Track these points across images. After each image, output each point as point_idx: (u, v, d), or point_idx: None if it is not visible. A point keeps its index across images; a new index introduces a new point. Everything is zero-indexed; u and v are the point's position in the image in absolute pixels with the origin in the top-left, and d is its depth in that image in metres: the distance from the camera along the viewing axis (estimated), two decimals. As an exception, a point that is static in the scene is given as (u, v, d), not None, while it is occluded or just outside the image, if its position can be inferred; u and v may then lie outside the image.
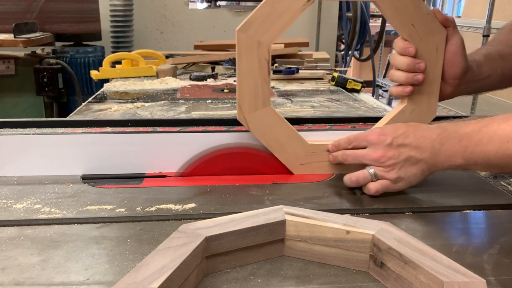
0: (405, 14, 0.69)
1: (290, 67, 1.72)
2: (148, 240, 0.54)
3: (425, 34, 0.70)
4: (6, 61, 2.41)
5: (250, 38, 0.66)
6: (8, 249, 0.51)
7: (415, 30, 0.69)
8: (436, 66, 0.72)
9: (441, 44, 0.71)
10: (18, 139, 0.71)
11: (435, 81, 0.73)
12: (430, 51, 0.71)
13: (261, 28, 0.66)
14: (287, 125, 0.72)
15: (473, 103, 2.77)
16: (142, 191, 0.67)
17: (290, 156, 0.73)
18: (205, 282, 0.46)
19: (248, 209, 0.52)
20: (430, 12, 0.70)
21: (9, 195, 0.65)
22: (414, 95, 0.73)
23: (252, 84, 0.68)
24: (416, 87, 0.72)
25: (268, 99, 0.70)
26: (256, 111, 0.70)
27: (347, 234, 0.48)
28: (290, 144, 0.72)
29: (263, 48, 0.67)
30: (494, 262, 0.50)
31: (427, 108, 0.74)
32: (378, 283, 0.47)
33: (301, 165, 0.74)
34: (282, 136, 0.72)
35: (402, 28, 0.69)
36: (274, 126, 0.71)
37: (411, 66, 0.70)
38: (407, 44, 0.70)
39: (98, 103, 1.33)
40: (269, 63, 0.68)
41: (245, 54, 0.67)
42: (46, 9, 2.53)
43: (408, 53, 0.70)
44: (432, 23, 0.70)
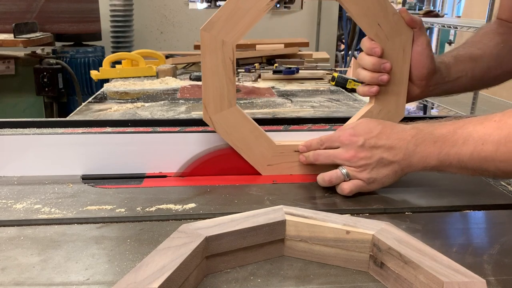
0: (371, 13, 0.68)
1: (290, 67, 1.72)
2: (148, 240, 0.54)
3: (392, 34, 0.70)
4: (6, 61, 2.41)
5: (214, 38, 0.66)
6: (8, 249, 0.51)
7: (381, 30, 0.69)
8: (403, 67, 0.71)
9: (408, 44, 0.70)
10: (18, 139, 0.71)
11: (402, 81, 0.72)
12: (397, 51, 0.71)
13: (225, 27, 0.66)
14: (254, 125, 0.71)
15: (473, 103, 2.76)
16: (142, 191, 0.67)
17: (257, 157, 0.73)
18: (205, 282, 0.46)
19: (248, 209, 0.52)
20: (397, 12, 0.69)
21: (9, 195, 0.65)
22: (381, 95, 0.73)
23: (217, 84, 0.68)
24: (383, 87, 0.72)
25: (234, 99, 0.69)
26: (222, 111, 0.69)
27: (347, 234, 0.48)
28: (257, 145, 0.72)
29: (228, 47, 0.66)
30: (494, 262, 0.50)
31: (395, 108, 0.74)
32: (378, 283, 0.47)
33: (268, 165, 0.73)
34: (249, 136, 0.71)
35: (368, 28, 0.69)
36: (241, 127, 0.71)
37: (376, 66, 0.70)
38: (373, 44, 0.70)
39: (98, 103, 1.33)
40: (233, 63, 0.67)
41: (209, 53, 0.66)
42: (46, 9, 2.53)
43: (374, 53, 0.70)
44: (398, 23, 0.69)
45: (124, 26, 2.81)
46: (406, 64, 0.71)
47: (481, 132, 0.56)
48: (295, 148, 0.73)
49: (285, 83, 1.65)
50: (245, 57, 1.92)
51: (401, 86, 0.73)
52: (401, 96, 0.73)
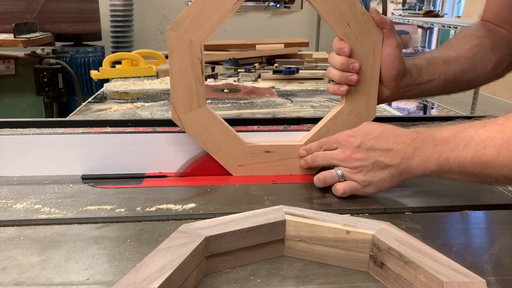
0: (339, 13, 0.68)
1: (290, 67, 1.72)
2: (148, 240, 0.54)
3: (361, 34, 0.69)
4: (6, 61, 2.41)
5: (181, 37, 0.65)
6: (8, 249, 0.51)
7: (350, 29, 0.69)
8: (374, 67, 0.71)
9: (378, 44, 0.70)
10: (18, 139, 0.71)
11: (373, 81, 0.71)
12: (366, 51, 0.70)
13: (192, 27, 0.65)
14: (224, 126, 0.71)
15: (473, 103, 2.77)
16: (142, 191, 0.67)
17: (228, 158, 0.72)
18: (205, 282, 0.46)
19: (248, 209, 0.52)
20: (366, 12, 0.69)
21: (9, 195, 0.65)
22: (352, 96, 0.72)
23: (185, 84, 0.67)
24: (354, 88, 0.71)
25: (203, 99, 0.69)
26: (191, 111, 0.69)
27: (347, 234, 0.48)
28: (228, 145, 0.71)
29: (195, 47, 0.66)
30: (494, 262, 0.50)
31: (366, 109, 0.73)
32: (378, 283, 0.47)
33: (239, 166, 0.73)
34: (219, 137, 0.71)
35: (337, 27, 0.69)
36: (210, 127, 0.70)
37: (345, 65, 0.69)
38: (342, 43, 0.69)
39: (98, 103, 1.33)
40: (202, 62, 0.67)
41: (177, 53, 0.66)
42: (46, 9, 2.53)
43: (342, 52, 0.69)
44: (368, 23, 0.69)
45: (124, 26, 2.81)
46: (377, 64, 0.71)
47: (483, 136, 0.55)
48: (266, 148, 0.72)
49: (285, 83, 1.65)
50: (245, 57, 1.92)
51: (372, 86, 0.72)
52: (372, 96, 0.72)
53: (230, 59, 1.89)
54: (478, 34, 0.82)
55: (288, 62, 1.85)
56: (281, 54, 1.94)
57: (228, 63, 1.88)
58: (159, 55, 1.84)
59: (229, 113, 1.20)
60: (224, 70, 1.84)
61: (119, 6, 2.79)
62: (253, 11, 2.73)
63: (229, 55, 1.92)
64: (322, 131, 0.73)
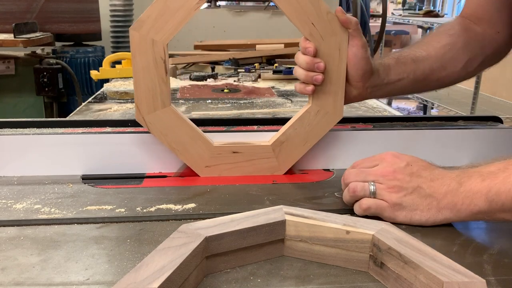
0: (304, 12, 0.67)
1: (290, 67, 1.72)
2: (148, 240, 0.54)
3: (327, 34, 0.68)
4: (6, 61, 2.41)
5: (144, 37, 0.65)
6: (8, 249, 0.51)
7: (315, 29, 0.68)
8: (340, 66, 0.70)
9: (344, 44, 0.69)
10: (18, 139, 0.71)
11: (339, 81, 0.71)
12: (332, 51, 0.69)
13: (155, 26, 0.65)
14: (190, 126, 0.70)
15: (473, 103, 2.77)
16: (142, 191, 0.67)
17: (195, 158, 0.72)
18: (205, 282, 0.46)
19: (248, 209, 0.52)
20: (331, 12, 0.68)
21: (9, 195, 0.65)
22: (319, 95, 0.71)
23: (149, 84, 0.67)
24: (320, 87, 0.70)
25: (167, 99, 0.68)
26: (155, 111, 0.68)
27: (347, 234, 0.48)
28: (194, 146, 0.71)
29: (158, 47, 0.65)
30: (494, 262, 0.50)
31: (333, 109, 0.72)
32: (378, 283, 0.47)
33: (206, 167, 0.72)
34: (185, 137, 0.70)
35: (302, 27, 0.68)
36: (176, 127, 0.70)
37: (310, 65, 0.69)
38: (308, 43, 0.68)
39: (98, 103, 1.33)
40: (165, 62, 0.66)
41: (140, 53, 0.66)
42: (46, 9, 2.53)
43: (307, 52, 0.68)
44: (333, 23, 0.68)
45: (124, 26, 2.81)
46: (343, 64, 0.70)
47: None
48: (233, 149, 0.72)
49: (285, 83, 1.65)
50: (245, 57, 1.92)
51: (338, 86, 0.71)
52: (338, 96, 0.72)
53: (230, 59, 1.89)
54: (451, 33, 0.81)
55: (288, 62, 1.85)
56: (281, 54, 1.93)
57: (228, 63, 1.88)
58: (159, 55, 1.84)
59: (229, 113, 1.20)
60: (224, 70, 1.84)
61: (119, 6, 2.79)
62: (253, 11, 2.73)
63: (229, 55, 1.92)
64: (289, 131, 0.72)
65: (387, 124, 0.85)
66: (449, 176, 0.56)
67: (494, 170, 0.53)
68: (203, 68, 1.88)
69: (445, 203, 0.55)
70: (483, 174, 0.53)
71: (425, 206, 0.56)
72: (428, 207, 0.56)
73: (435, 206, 0.56)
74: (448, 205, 0.55)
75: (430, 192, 0.56)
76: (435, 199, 0.56)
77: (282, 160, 0.73)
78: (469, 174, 0.55)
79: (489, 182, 0.52)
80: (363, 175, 0.60)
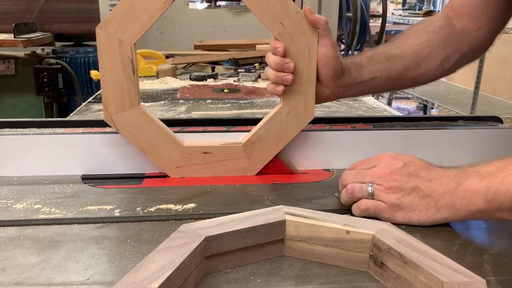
0: (272, 12, 0.66)
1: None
2: (148, 240, 0.54)
3: (296, 34, 0.68)
4: (6, 61, 2.41)
5: (111, 37, 0.65)
6: (8, 249, 0.51)
7: (284, 29, 0.67)
8: (310, 67, 0.69)
9: (314, 44, 0.68)
10: (18, 139, 0.71)
11: (309, 81, 0.70)
12: (302, 51, 0.68)
13: (122, 26, 0.64)
14: (160, 126, 0.70)
15: (473, 103, 2.77)
16: (142, 191, 0.67)
17: (165, 159, 0.71)
18: (205, 282, 0.46)
19: (248, 209, 0.52)
20: (300, 11, 0.67)
21: (9, 195, 0.65)
22: (290, 96, 0.70)
23: (116, 83, 0.66)
24: (291, 88, 0.70)
25: (136, 99, 0.68)
26: (124, 111, 0.68)
27: (347, 234, 0.48)
28: (164, 146, 0.70)
29: (125, 46, 0.65)
30: (494, 262, 0.50)
31: (304, 109, 0.71)
32: (378, 283, 0.47)
33: (177, 168, 0.72)
34: (154, 138, 0.69)
35: (271, 26, 0.67)
36: (145, 128, 0.69)
37: (279, 65, 0.68)
38: (277, 43, 0.68)
39: (98, 103, 1.33)
40: (133, 62, 0.66)
41: (107, 53, 0.65)
42: (46, 9, 2.53)
43: (277, 52, 0.68)
44: (302, 23, 0.67)
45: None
46: (313, 64, 0.69)
47: None
48: (204, 149, 0.71)
49: (285, 83, 1.65)
50: (245, 57, 1.92)
51: (309, 86, 0.70)
52: (309, 96, 0.71)
53: (230, 59, 1.89)
54: (429, 30, 0.80)
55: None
56: (281, 54, 1.93)
57: (228, 63, 1.88)
58: (159, 55, 1.84)
59: (229, 113, 1.20)
60: (224, 70, 1.84)
61: (119, 6, 2.79)
62: (253, 11, 2.74)
63: (229, 55, 1.92)
64: (260, 131, 0.72)
65: (387, 124, 0.85)
66: (447, 176, 0.56)
67: (492, 170, 0.53)
68: (203, 68, 1.88)
69: (443, 203, 0.55)
70: (482, 174, 0.53)
71: (424, 206, 0.56)
72: (426, 207, 0.56)
73: (433, 206, 0.56)
74: (447, 205, 0.55)
75: (428, 192, 0.56)
76: (433, 199, 0.55)
77: (254, 160, 0.73)
78: (467, 174, 0.54)
79: (488, 182, 0.52)
80: (360, 176, 0.60)
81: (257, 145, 0.72)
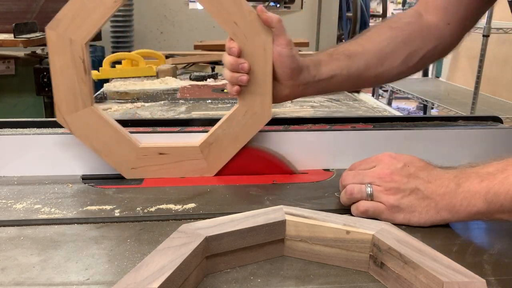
0: (225, 11, 0.66)
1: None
2: (148, 240, 0.54)
3: (250, 33, 0.67)
4: (6, 61, 2.41)
5: (61, 36, 0.64)
6: (8, 249, 0.51)
7: (238, 28, 0.66)
8: (266, 67, 0.68)
9: (269, 44, 0.67)
10: (18, 139, 0.71)
11: (266, 81, 0.69)
12: (257, 51, 0.68)
13: (72, 25, 0.64)
14: (114, 127, 0.69)
15: (473, 103, 2.76)
16: (142, 191, 0.67)
17: (120, 160, 0.70)
18: (205, 282, 0.46)
19: (248, 209, 0.52)
20: (253, 11, 0.67)
21: (9, 195, 0.65)
22: (246, 96, 0.70)
23: (68, 83, 0.66)
24: (247, 88, 0.69)
25: (88, 99, 0.67)
26: (77, 112, 0.67)
27: (347, 234, 0.48)
28: (119, 147, 0.69)
29: (76, 46, 0.64)
30: (494, 262, 0.50)
31: (261, 109, 0.70)
32: (378, 283, 0.47)
33: (132, 169, 0.71)
34: (109, 139, 0.69)
35: (225, 26, 0.67)
36: (99, 128, 0.68)
37: (234, 66, 0.67)
38: (231, 43, 0.67)
39: (98, 103, 1.33)
40: (84, 62, 0.65)
41: (57, 53, 0.64)
42: (46, 9, 2.53)
43: (231, 52, 0.67)
44: (256, 22, 0.66)
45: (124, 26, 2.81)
46: (269, 64, 0.68)
47: None
48: (160, 150, 0.71)
49: (285, 83, 1.65)
50: (245, 57, 1.92)
51: (265, 87, 0.69)
52: (266, 96, 0.70)
53: (230, 59, 1.88)
54: (394, 26, 0.78)
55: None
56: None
57: (228, 63, 1.88)
58: (159, 55, 1.84)
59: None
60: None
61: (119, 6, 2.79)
62: (253, 11, 2.74)
63: (229, 55, 1.92)
64: (217, 132, 0.71)
65: (387, 124, 0.85)
66: (447, 177, 0.55)
67: (492, 171, 0.52)
68: (203, 68, 1.88)
69: (443, 204, 0.55)
70: (481, 175, 0.53)
71: (424, 207, 0.56)
72: (426, 208, 0.56)
73: (433, 208, 0.55)
74: (447, 207, 0.54)
75: (428, 193, 0.55)
76: (433, 200, 0.55)
77: (212, 161, 0.72)
78: (467, 175, 0.54)
79: (488, 183, 0.51)
80: (360, 177, 0.59)
81: (215, 146, 0.71)
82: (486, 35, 2.66)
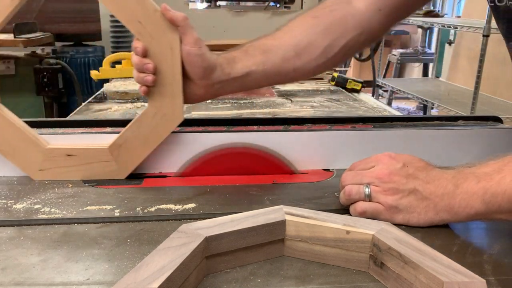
0: (128, 10, 0.64)
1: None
2: (148, 240, 0.54)
3: (156, 33, 0.65)
4: (6, 61, 2.41)
5: None
6: (8, 249, 0.51)
7: (143, 27, 0.64)
8: (174, 67, 0.66)
9: (176, 43, 0.65)
10: (18, 139, 0.71)
11: (175, 82, 0.67)
12: (164, 51, 0.65)
13: None
14: (18, 127, 0.67)
15: (473, 103, 2.76)
16: (142, 191, 0.67)
17: (27, 161, 0.69)
18: (205, 282, 0.46)
19: (248, 209, 0.52)
20: (158, 10, 0.64)
21: (9, 195, 0.65)
22: (155, 97, 0.67)
23: None
24: (156, 89, 0.67)
25: None
26: None
27: (347, 234, 0.48)
28: (25, 149, 0.68)
29: None
30: (494, 262, 0.50)
31: (172, 111, 0.68)
32: (378, 283, 0.47)
33: (40, 170, 0.69)
34: (14, 139, 0.67)
35: (129, 25, 0.65)
36: (2, 129, 0.67)
37: (139, 66, 0.65)
38: (137, 43, 0.65)
39: (98, 103, 1.33)
40: None
41: None
42: (46, 9, 2.53)
43: (136, 52, 0.65)
44: (162, 21, 0.64)
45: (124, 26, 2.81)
46: (177, 64, 0.66)
47: None
48: (67, 152, 0.69)
49: (285, 83, 1.65)
50: (245, 57, 1.92)
51: (174, 87, 0.67)
52: (176, 97, 0.68)
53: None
54: (315, 15, 0.74)
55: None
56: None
57: (228, 63, 1.88)
58: (159, 55, 1.84)
59: (229, 113, 1.20)
60: (224, 70, 1.84)
61: (119, 5, 2.79)
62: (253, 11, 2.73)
63: (229, 55, 1.91)
64: (127, 134, 0.69)
65: (387, 124, 0.85)
66: (445, 178, 0.55)
67: (489, 171, 0.52)
68: (203, 68, 1.88)
69: (442, 205, 0.54)
70: (478, 176, 0.53)
71: (422, 208, 0.56)
72: (425, 209, 0.55)
73: (432, 209, 0.55)
74: (445, 208, 0.54)
75: (427, 194, 0.55)
76: (432, 201, 0.55)
77: (122, 163, 0.70)
78: (464, 176, 0.54)
79: (485, 184, 0.51)
80: (359, 177, 0.59)
81: (124, 148, 0.69)
82: (486, 35, 2.66)
